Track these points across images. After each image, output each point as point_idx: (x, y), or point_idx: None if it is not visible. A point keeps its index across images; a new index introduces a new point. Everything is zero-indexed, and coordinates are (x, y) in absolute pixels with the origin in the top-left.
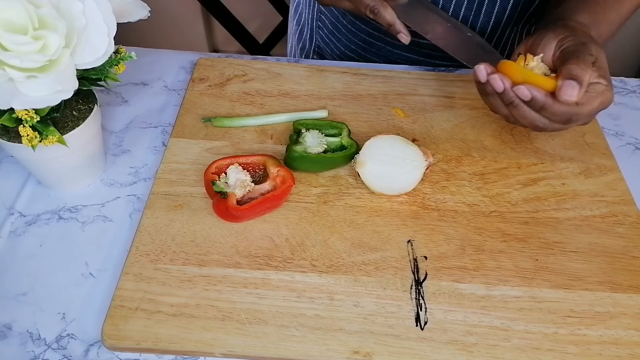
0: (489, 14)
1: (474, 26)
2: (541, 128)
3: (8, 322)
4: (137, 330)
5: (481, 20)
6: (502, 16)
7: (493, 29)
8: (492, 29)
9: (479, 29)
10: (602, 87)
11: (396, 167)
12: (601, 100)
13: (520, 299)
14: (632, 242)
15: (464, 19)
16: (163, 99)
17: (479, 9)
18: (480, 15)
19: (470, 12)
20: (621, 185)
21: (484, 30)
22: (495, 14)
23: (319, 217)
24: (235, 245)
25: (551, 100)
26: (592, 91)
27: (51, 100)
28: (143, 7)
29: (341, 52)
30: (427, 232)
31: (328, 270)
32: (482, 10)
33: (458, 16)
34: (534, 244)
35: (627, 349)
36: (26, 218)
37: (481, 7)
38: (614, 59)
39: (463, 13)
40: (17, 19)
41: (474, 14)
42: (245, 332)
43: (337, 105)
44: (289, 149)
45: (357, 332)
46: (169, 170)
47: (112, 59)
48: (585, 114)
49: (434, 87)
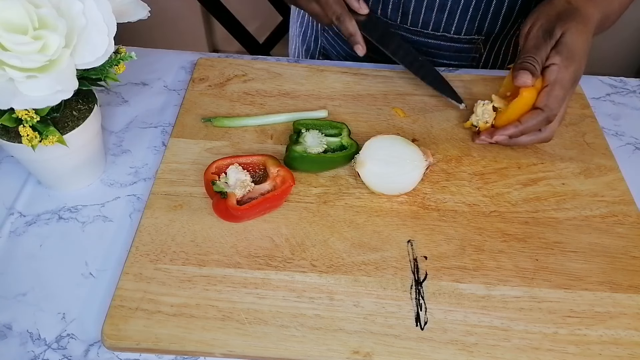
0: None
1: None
2: (543, 139)
3: (8, 322)
4: (137, 330)
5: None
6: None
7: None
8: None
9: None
10: (554, 70)
11: (396, 167)
12: (559, 84)
13: (520, 299)
14: (632, 242)
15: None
16: (163, 99)
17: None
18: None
19: (477, 13)
20: (621, 185)
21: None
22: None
23: (319, 217)
24: (235, 245)
25: (520, 125)
26: (546, 81)
27: (51, 100)
28: (143, 7)
29: (347, 53)
30: (427, 232)
31: (328, 270)
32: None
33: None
34: (534, 244)
35: (627, 349)
36: (26, 218)
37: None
38: (614, 59)
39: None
40: (17, 19)
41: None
42: (245, 332)
43: (337, 105)
44: (289, 149)
45: (357, 332)
46: (169, 170)
47: (112, 59)
48: (552, 106)
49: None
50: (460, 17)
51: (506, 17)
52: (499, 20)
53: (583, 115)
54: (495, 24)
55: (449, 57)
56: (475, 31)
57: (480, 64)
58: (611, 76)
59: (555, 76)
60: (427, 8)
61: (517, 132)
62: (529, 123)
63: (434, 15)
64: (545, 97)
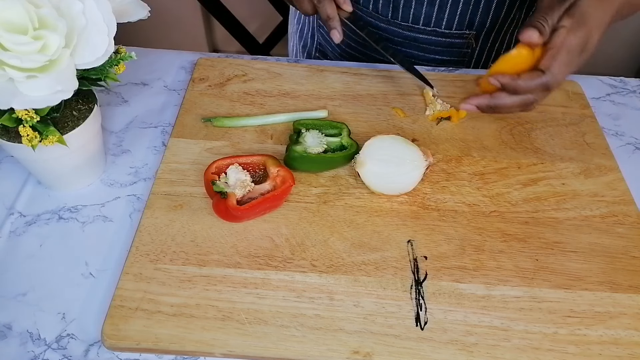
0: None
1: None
2: (531, 103)
3: (8, 322)
4: (137, 330)
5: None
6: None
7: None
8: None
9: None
10: (562, 33)
11: (396, 167)
12: (565, 49)
13: (520, 299)
14: (632, 242)
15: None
16: (163, 99)
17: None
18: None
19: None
20: (621, 185)
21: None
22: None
23: (319, 217)
24: (235, 245)
25: (517, 80)
26: (552, 44)
27: (51, 100)
28: (143, 7)
29: (342, 50)
30: (427, 232)
31: (328, 270)
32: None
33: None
34: (534, 244)
35: (627, 349)
36: (26, 218)
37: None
38: (614, 59)
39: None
40: (17, 19)
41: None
42: (245, 332)
43: (337, 105)
44: (289, 149)
45: (357, 332)
46: (169, 170)
47: (112, 59)
48: (555, 71)
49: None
50: (451, 12)
51: (497, 12)
52: (490, 16)
53: (583, 115)
54: (486, 18)
55: (441, 53)
56: (466, 26)
57: (472, 59)
58: (611, 76)
59: (563, 39)
60: (417, 2)
61: (511, 85)
62: (526, 81)
63: (424, 9)
64: (550, 59)
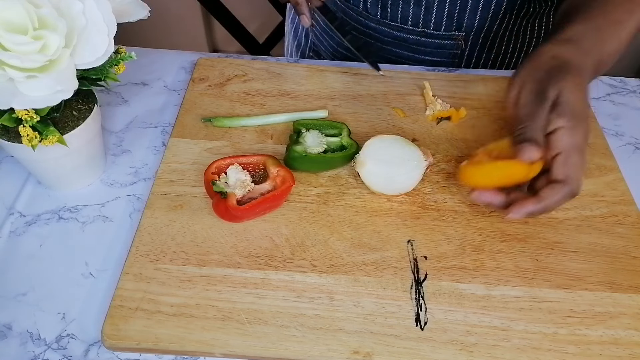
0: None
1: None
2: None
3: (8, 322)
4: (137, 330)
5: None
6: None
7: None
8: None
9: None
10: (563, 134)
11: (396, 167)
12: (574, 150)
13: (520, 299)
14: (632, 242)
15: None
16: (163, 99)
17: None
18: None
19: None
20: (621, 185)
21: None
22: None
23: (319, 217)
24: (235, 245)
25: (541, 201)
26: (558, 149)
27: (51, 100)
28: (143, 7)
29: (334, 49)
30: (427, 232)
31: (328, 270)
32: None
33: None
34: (534, 244)
35: (627, 349)
36: (26, 218)
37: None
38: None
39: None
40: (17, 19)
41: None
42: (245, 332)
43: (337, 105)
44: (289, 149)
45: (357, 332)
46: (169, 170)
47: (112, 59)
48: (574, 176)
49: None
50: (438, 13)
51: (484, 14)
52: (477, 17)
53: None
54: (474, 20)
55: (430, 54)
56: (455, 27)
57: (463, 60)
58: (611, 76)
59: (567, 141)
60: (404, 2)
61: (538, 210)
62: (552, 199)
63: (411, 9)
64: (563, 167)
